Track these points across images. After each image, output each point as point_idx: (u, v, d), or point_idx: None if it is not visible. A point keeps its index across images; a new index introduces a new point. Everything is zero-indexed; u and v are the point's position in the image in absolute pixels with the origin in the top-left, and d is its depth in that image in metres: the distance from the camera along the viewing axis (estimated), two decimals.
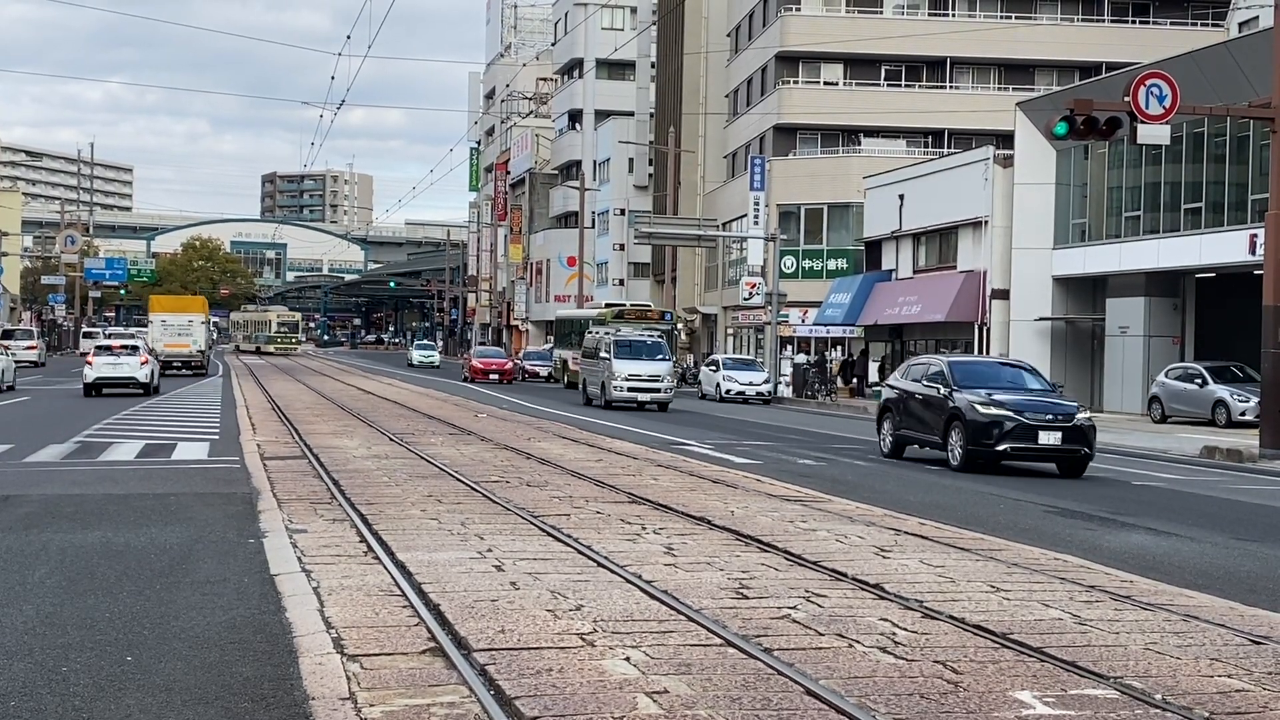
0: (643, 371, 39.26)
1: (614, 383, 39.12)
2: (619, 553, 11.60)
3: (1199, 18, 63.19)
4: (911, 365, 25.23)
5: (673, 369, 41.33)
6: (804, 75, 65.26)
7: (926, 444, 23.20)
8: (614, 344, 40.00)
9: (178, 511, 14.26)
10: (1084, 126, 24.86)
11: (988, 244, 46.33)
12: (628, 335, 41.87)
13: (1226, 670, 7.91)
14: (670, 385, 39.95)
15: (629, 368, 39.26)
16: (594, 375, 41.16)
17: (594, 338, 42.94)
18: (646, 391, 39.11)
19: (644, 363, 39.54)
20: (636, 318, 51.37)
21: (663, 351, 41.08)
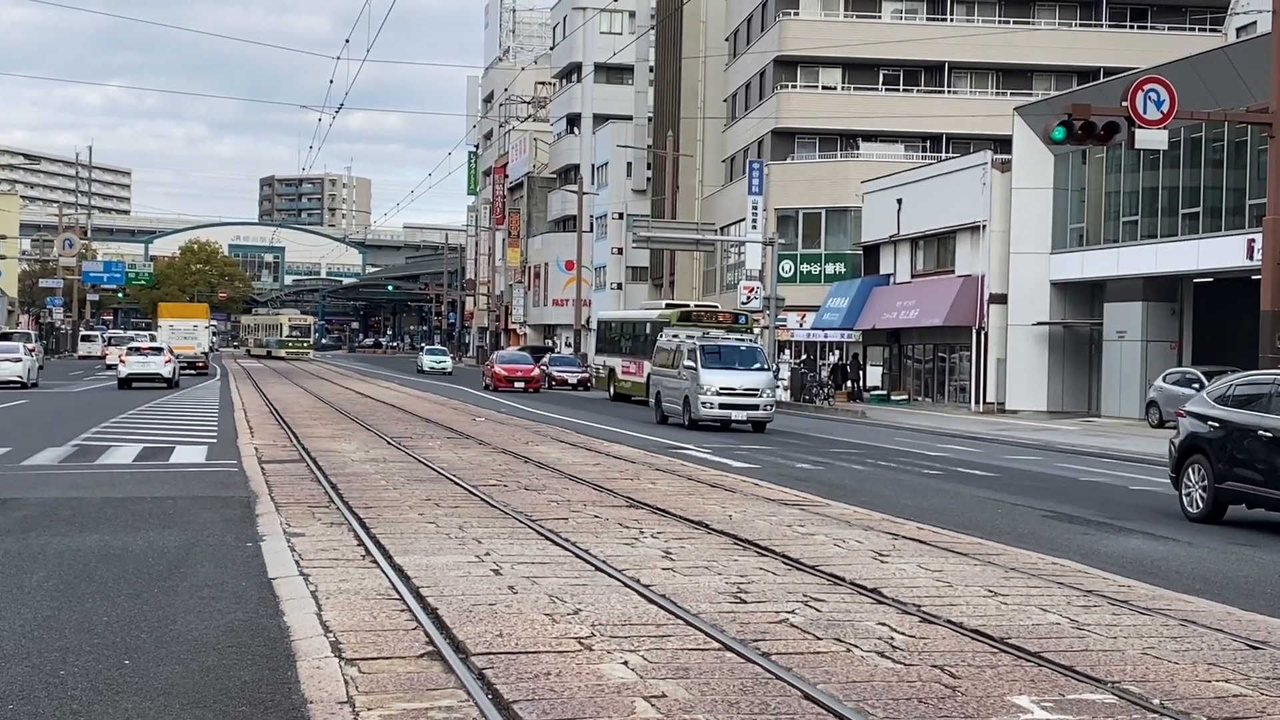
0: (737, 384, 32.44)
1: (702, 398, 32.28)
2: (617, 557, 11.61)
3: (1197, 23, 63.25)
4: (1243, 384, 17.01)
5: (773, 381, 34.45)
6: (802, 80, 65.29)
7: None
8: (700, 351, 33.35)
9: (175, 515, 14.26)
10: (1082, 131, 24.88)
11: (986, 248, 46.34)
12: (716, 340, 35.58)
13: (1224, 675, 7.92)
14: (770, 401, 33.14)
15: (720, 379, 32.44)
16: (672, 388, 34.43)
17: (670, 343, 36.00)
18: (742, 409, 32.35)
19: (738, 373, 32.78)
20: (705, 320, 44.03)
21: (759, 359, 34.45)
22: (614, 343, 51.92)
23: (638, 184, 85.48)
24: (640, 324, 48.24)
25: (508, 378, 53.61)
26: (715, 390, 32.33)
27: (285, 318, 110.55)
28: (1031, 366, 45.26)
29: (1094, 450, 28.85)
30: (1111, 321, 42.59)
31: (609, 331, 53.30)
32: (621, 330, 51.53)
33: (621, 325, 52.27)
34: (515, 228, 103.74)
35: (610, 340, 52.72)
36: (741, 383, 32.61)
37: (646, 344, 44.10)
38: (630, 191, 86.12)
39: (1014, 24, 63.97)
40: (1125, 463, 26.34)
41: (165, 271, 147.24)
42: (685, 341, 34.85)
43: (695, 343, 34.30)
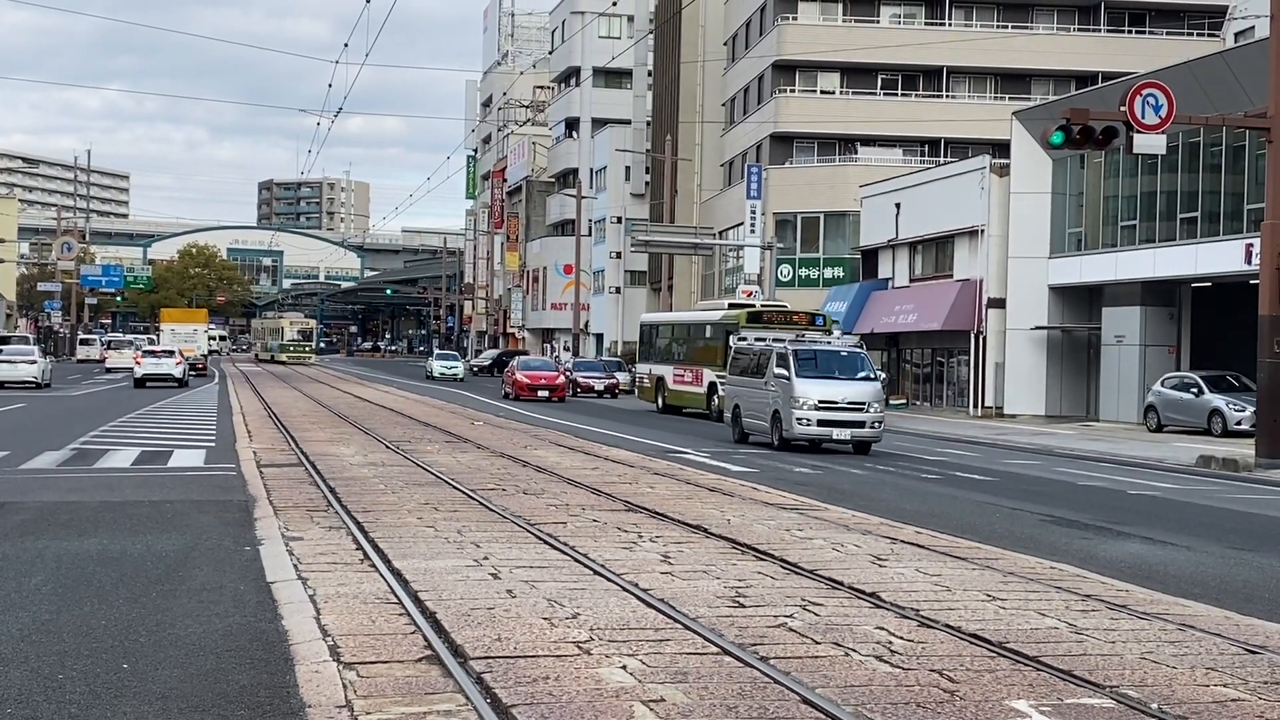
0: (838, 396, 27.60)
1: (797, 413, 27.33)
2: (615, 561, 11.61)
3: (1195, 28, 63.27)
4: None
5: (881, 393, 29.12)
6: (801, 84, 65.30)
7: None
8: (793, 357, 28.25)
9: (174, 519, 14.25)
10: (1080, 136, 24.90)
11: (984, 253, 46.36)
12: (812, 345, 30.59)
13: (1222, 680, 7.92)
14: (878, 417, 28.14)
15: (819, 390, 27.58)
16: (756, 401, 29.45)
17: (752, 349, 30.99)
18: (844, 425, 27.42)
19: (839, 384, 27.90)
20: (777, 321, 38.23)
21: (864, 367, 29.06)
22: (663, 348, 46.12)
23: (636, 188, 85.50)
24: (698, 327, 43.11)
25: (530, 386, 49.30)
26: (813, 404, 27.43)
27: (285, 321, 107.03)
28: (1030, 371, 45.26)
29: (1092, 455, 28.86)
30: (1110, 326, 42.60)
31: (656, 336, 47.21)
32: (674, 334, 45.98)
33: (674, 329, 46.61)
34: (514, 232, 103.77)
35: (658, 345, 46.73)
36: (844, 395, 27.65)
37: (706, 349, 40.92)
38: (629, 195, 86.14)
39: (1012, 29, 64.01)
40: (1124, 467, 26.35)
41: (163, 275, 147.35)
42: (773, 346, 29.51)
43: (787, 347, 28.83)
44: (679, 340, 44.91)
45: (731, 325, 38.44)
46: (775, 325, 37.46)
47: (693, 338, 43.34)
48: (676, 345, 45.03)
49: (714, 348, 39.59)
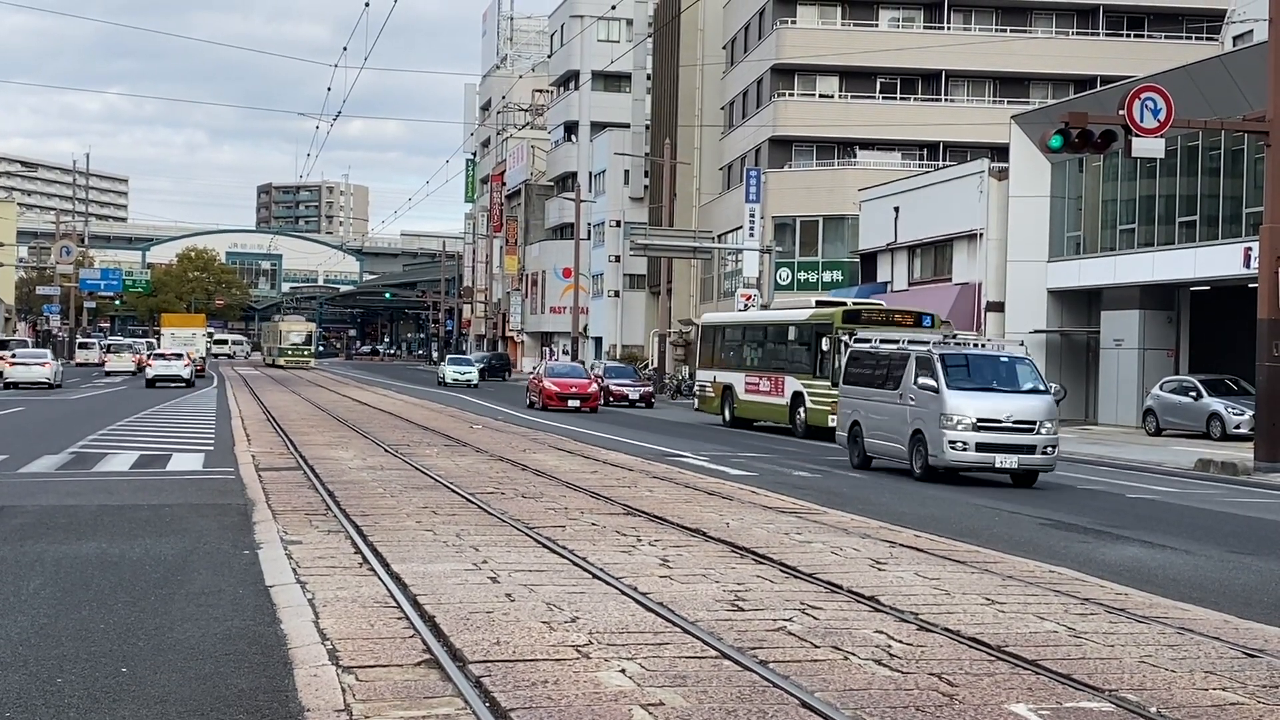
0: (1002, 413, 22.14)
1: (950, 434, 21.98)
2: (614, 565, 11.60)
3: (1194, 31, 63.33)
4: None
5: (1054, 410, 23.18)
6: (799, 88, 65.34)
7: None
8: (941, 363, 22.72)
9: (173, 523, 14.25)
10: (1079, 140, 24.91)
11: (982, 256, 46.38)
12: (961, 349, 23.84)
13: (1221, 683, 7.92)
14: (1051, 439, 22.57)
15: (976, 405, 22.16)
16: (886, 418, 24.02)
17: (875, 352, 25.44)
18: (1011, 450, 22.03)
19: (1001, 397, 22.54)
20: (879, 321, 33.18)
21: (1030, 377, 23.29)
22: (732, 353, 40.74)
23: (635, 191, 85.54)
24: (778, 328, 37.90)
25: (560, 395, 44.81)
26: (970, 422, 22.01)
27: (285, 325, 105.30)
28: None
29: (1091, 458, 28.86)
30: (1108, 329, 42.61)
31: (722, 339, 41.81)
32: (745, 337, 40.73)
33: (745, 331, 41.25)
34: (513, 235, 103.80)
35: (724, 350, 41.29)
36: (1009, 411, 22.22)
37: (789, 354, 36.32)
38: (628, 199, 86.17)
39: (1011, 32, 64.04)
40: (1122, 470, 26.35)
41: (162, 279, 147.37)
42: (911, 349, 23.91)
43: (931, 351, 23.14)
44: (752, 344, 39.72)
45: (823, 326, 33.86)
46: (876, 325, 32.18)
47: (771, 341, 38.25)
48: (749, 349, 39.71)
49: (799, 352, 35.39)
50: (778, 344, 37.66)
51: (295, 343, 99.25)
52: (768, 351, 38.23)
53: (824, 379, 32.93)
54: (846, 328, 32.15)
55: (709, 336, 42.94)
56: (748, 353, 39.73)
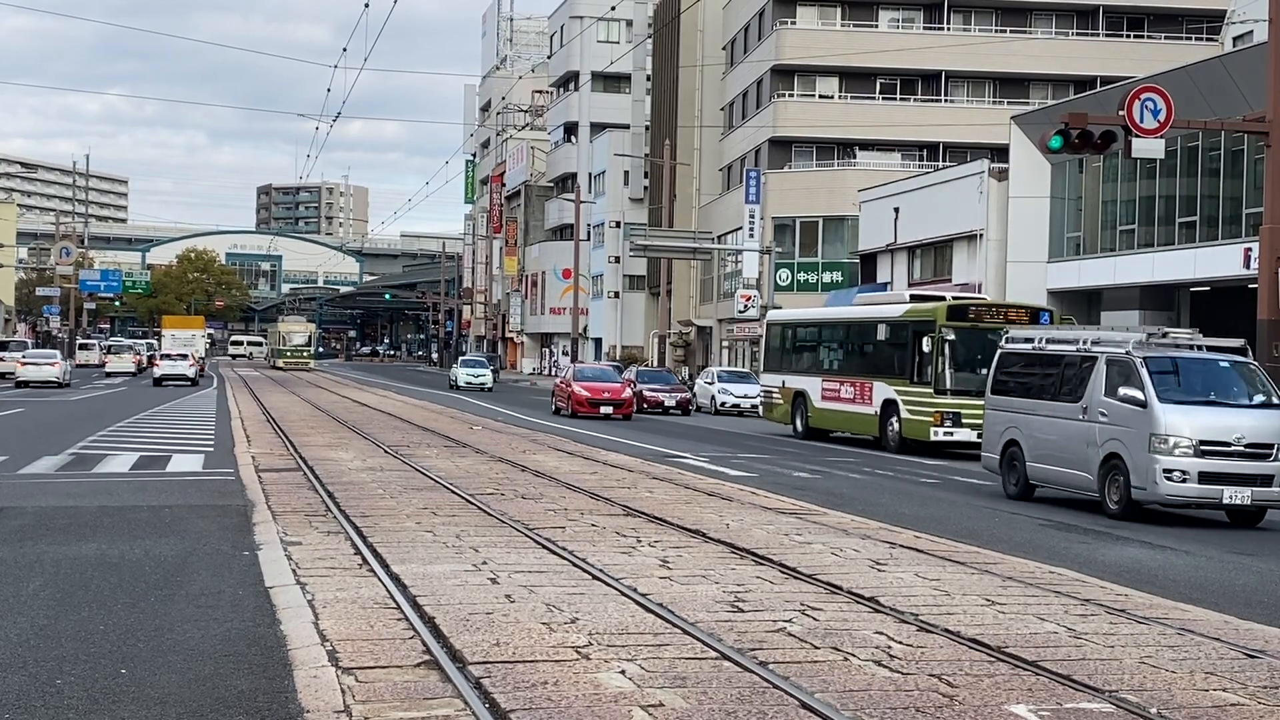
0: (1229, 432, 17.81)
1: (1164, 460, 17.60)
2: (614, 566, 11.60)
3: (1194, 32, 63.33)
4: None
5: None
6: (799, 88, 65.35)
7: None
8: (1146, 368, 18.30)
9: (172, 524, 14.24)
10: (1079, 140, 24.90)
11: (982, 257, 46.38)
12: (1166, 351, 19.01)
13: (1221, 684, 7.92)
14: None
15: (1196, 422, 17.86)
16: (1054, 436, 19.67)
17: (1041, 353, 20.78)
18: (1244, 482, 17.69)
19: (1225, 412, 18.23)
20: (989, 318, 29.07)
21: (1261, 386, 18.82)
22: (806, 355, 36.36)
23: (635, 192, 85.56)
24: (864, 327, 32.96)
25: (591, 400, 41.32)
26: (1191, 445, 17.60)
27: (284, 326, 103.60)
28: None
29: None
30: None
31: (794, 339, 37.34)
32: (822, 336, 36.09)
33: (822, 330, 36.42)
34: (512, 236, 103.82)
35: (796, 351, 36.89)
36: (1239, 430, 17.80)
37: (879, 356, 31.78)
38: (627, 200, 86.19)
39: (1011, 33, 64.05)
40: None
41: (162, 280, 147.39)
42: (1103, 352, 19.10)
43: (1132, 355, 18.58)
44: (831, 344, 35.21)
45: (923, 324, 29.35)
46: (985, 323, 28.72)
47: (855, 341, 33.46)
48: (828, 351, 35.37)
49: (891, 354, 31.00)
50: (864, 345, 32.82)
51: (295, 344, 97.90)
52: (851, 353, 33.59)
53: (923, 385, 28.79)
54: (951, 325, 28.80)
55: (776, 336, 38.08)
56: (825, 355, 35.31)
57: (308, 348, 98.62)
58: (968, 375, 28.18)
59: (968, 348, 28.49)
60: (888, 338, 31.44)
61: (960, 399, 28.02)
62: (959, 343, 28.56)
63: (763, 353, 39.57)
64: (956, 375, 28.46)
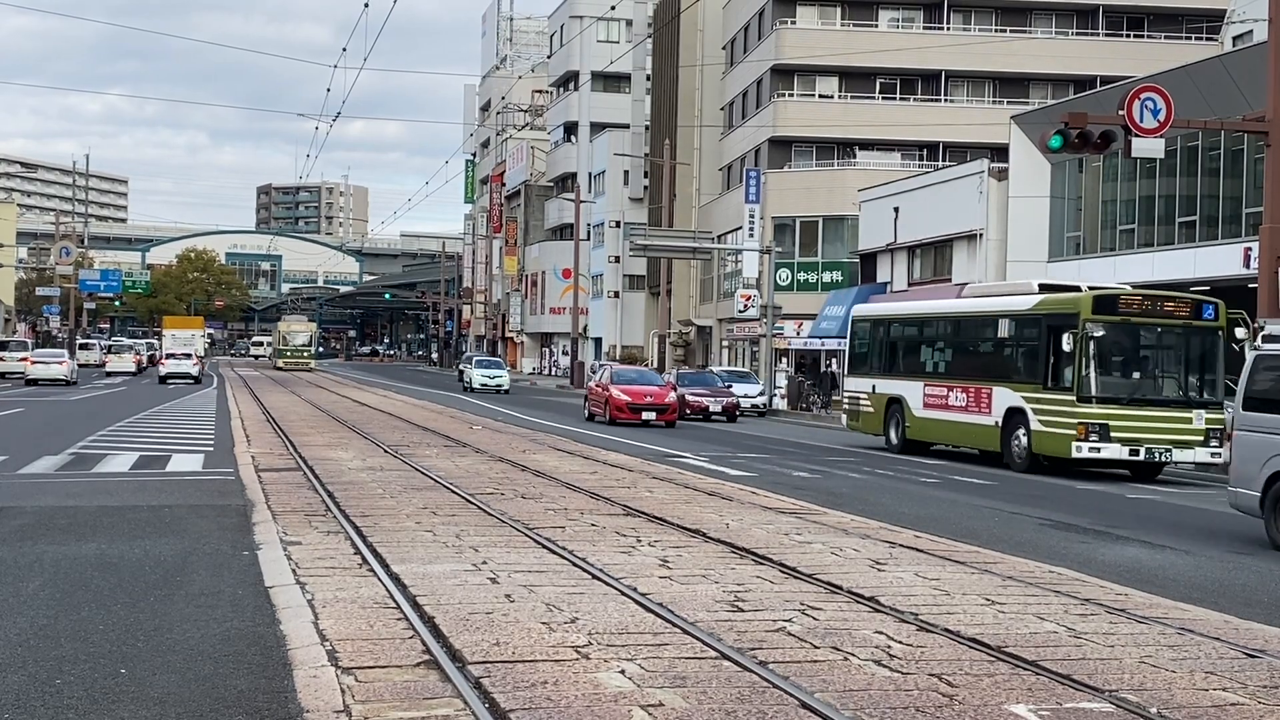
0: None
1: None
2: (614, 565, 11.59)
3: (1193, 32, 63.33)
4: None
5: None
6: (799, 88, 65.35)
7: None
8: None
9: (172, 524, 14.24)
10: (1078, 140, 24.90)
11: (982, 257, 46.39)
12: None
13: (1221, 683, 7.91)
14: None
15: None
16: None
17: None
18: None
19: None
20: (1142, 312, 24.99)
21: None
22: (902, 355, 31.70)
23: (635, 192, 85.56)
24: (983, 322, 28.31)
25: (632, 406, 37.48)
26: None
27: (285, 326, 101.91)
28: None
29: None
30: None
31: (885, 336, 32.54)
32: (925, 333, 31.14)
33: (926, 325, 31.27)
34: (512, 236, 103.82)
35: (888, 351, 32.25)
36: None
37: (1002, 356, 27.56)
38: (627, 200, 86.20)
39: (1011, 33, 64.05)
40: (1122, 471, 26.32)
41: (162, 280, 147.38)
42: None
43: None
44: (936, 343, 30.49)
45: (1062, 318, 25.19)
46: (1139, 317, 24.89)
47: (968, 338, 29.07)
48: (931, 351, 30.60)
49: (1016, 354, 27.03)
50: (980, 343, 28.47)
51: (296, 344, 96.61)
52: (963, 353, 29.08)
53: (1061, 390, 24.68)
54: (1099, 319, 24.44)
55: (864, 334, 33.37)
56: (928, 355, 30.54)
57: (309, 348, 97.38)
58: (1118, 379, 24.66)
59: (1118, 346, 24.83)
60: (1013, 334, 27.14)
61: (1108, 408, 24.13)
62: (1108, 340, 24.47)
63: (846, 353, 34.82)
64: (1104, 379, 24.42)
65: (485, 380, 61.37)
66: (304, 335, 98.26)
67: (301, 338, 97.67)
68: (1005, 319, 27.47)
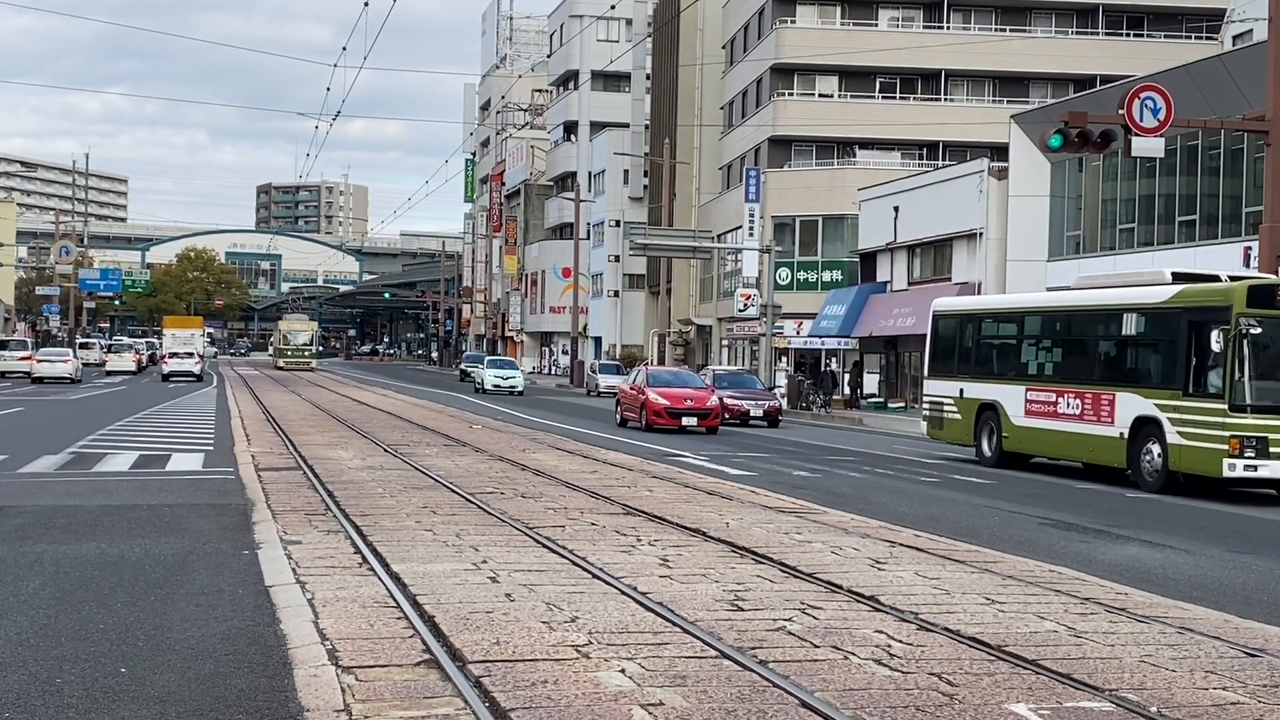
0: None
1: None
2: (614, 564, 11.59)
3: (1193, 31, 63.34)
4: None
5: None
6: (799, 87, 65.34)
7: None
8: None
9: (172, 523, 14.23)
10: (1078, 139, 24.92)
11: (982, 256, 46.39)
12: None
13: (1221, 683, 7.91)
14: None
15: None
16: None
17: None
18: None
19: None
20: None
21: None
22: (997, 354, 27.97)
23: (635, 191, 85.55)
24: (1104, 316, 24.39)
25: (671, 410, 34.54)
26: None
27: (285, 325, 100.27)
28: None
29: None
30: None
31: (976, 334, 28.77)
32: (1027, 330, 27.09)
33: (1028, 320, 27.21)
34: (512, 235, 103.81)
35: (980, 350, 28.52)
36: None
37: (1128, 356, 23.95)
38: (627, 199, 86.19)
39: (1011, 32, 64.05)
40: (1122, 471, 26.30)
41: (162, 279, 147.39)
42: None
43: None
44: (1042, 340, 26.46)
45: (1208, 311, 21.50)
46: None
47: (1083, 335, 25.11)
48: (1036, 349, 26.56)
49: (1146, 354, 23.53)
50: (1099, 341, 24.54)
51: (298, 344, 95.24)
52: (1076, 353, 25.27)
53: (1207, 398, 21.14)
54: (1256, 314, 20.64)
55: (950, 330, 29.67)
56: (1031, 355, 26.61)
57: (310, 347, 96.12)
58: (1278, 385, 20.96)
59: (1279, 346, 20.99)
60: (1143, 331, 23.39)
61: (1267, 418, 20.48)
62: (1266, 339, 20.67)
63: (927, 352, 30.77)
64: (1262, 385, 20.69)
65: (498, 381, 59.36)
66: (305, 334, 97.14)
67: (303, 337, 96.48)
68: (1132, 313, 23.58)
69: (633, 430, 34.84)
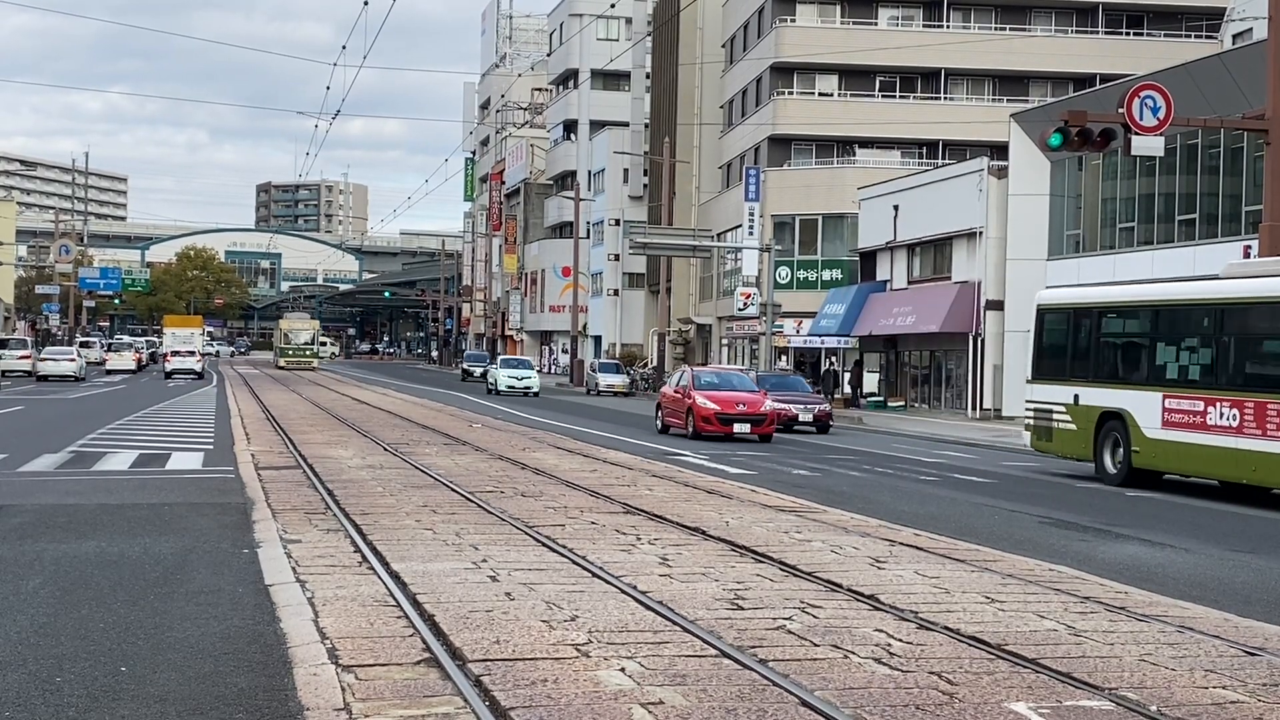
0: None
1: None
2: (614, 563, 11.59)
3: (1193, 30, 63.31)
4: None
5: None
6: (799, 86, 65.33)
7: None
8: None
9: (172, 522, 14.24)
10: (1078, 138, 24.90)
11: (982, 255, 46.38)
12: None
13: (1221, 682, 7.91)
14: None
15: None
16: None
17: None
18: None
19: None
20: None
21: None
22: (1125, 355, 23.89)
23: (634, 190, 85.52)
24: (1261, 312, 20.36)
25: (722, 416, 31.50)
26: None
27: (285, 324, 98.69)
28: None
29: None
30: None
31: (1094, 331, 24.40)
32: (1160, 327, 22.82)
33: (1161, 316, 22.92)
34: (512, 234, 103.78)
35: (1100, 351, 24.22)
36: None
37: None
38: (627, 198, 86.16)
39: (1010, 30, 64.04)
40: None
41: (162, 278, 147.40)
42: None
43: None
44: (1182, 339, 22.15)
45: None
46: None
47: (1238, 334, 20.86)
48: (1175, 350, 22.26)
49: None
50: (1261, 341, 20.49)
51: (299, 343, 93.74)
52: (1230, 354, 20.87)
53: None
54: None
55: (1060, 327, 25.41)
56: (1169, 356, 22.33)
57: (311, 346, 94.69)
58: None
59: None
60: None
61: None
62: None
63: (1031, 351, 26.17)
64: None
65: (512, 382, 57.15)
66: (307, 333, 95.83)
67: (304, 335, 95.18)
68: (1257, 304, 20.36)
69: (677, 437, 32.09)
